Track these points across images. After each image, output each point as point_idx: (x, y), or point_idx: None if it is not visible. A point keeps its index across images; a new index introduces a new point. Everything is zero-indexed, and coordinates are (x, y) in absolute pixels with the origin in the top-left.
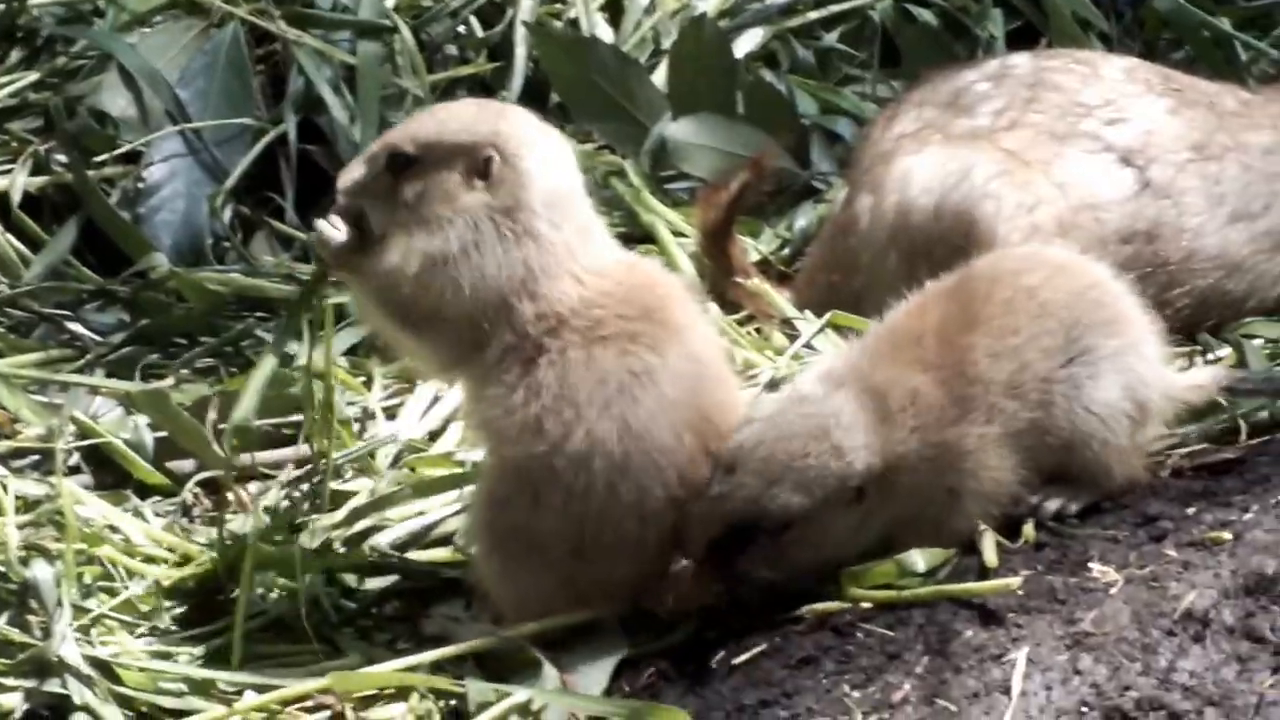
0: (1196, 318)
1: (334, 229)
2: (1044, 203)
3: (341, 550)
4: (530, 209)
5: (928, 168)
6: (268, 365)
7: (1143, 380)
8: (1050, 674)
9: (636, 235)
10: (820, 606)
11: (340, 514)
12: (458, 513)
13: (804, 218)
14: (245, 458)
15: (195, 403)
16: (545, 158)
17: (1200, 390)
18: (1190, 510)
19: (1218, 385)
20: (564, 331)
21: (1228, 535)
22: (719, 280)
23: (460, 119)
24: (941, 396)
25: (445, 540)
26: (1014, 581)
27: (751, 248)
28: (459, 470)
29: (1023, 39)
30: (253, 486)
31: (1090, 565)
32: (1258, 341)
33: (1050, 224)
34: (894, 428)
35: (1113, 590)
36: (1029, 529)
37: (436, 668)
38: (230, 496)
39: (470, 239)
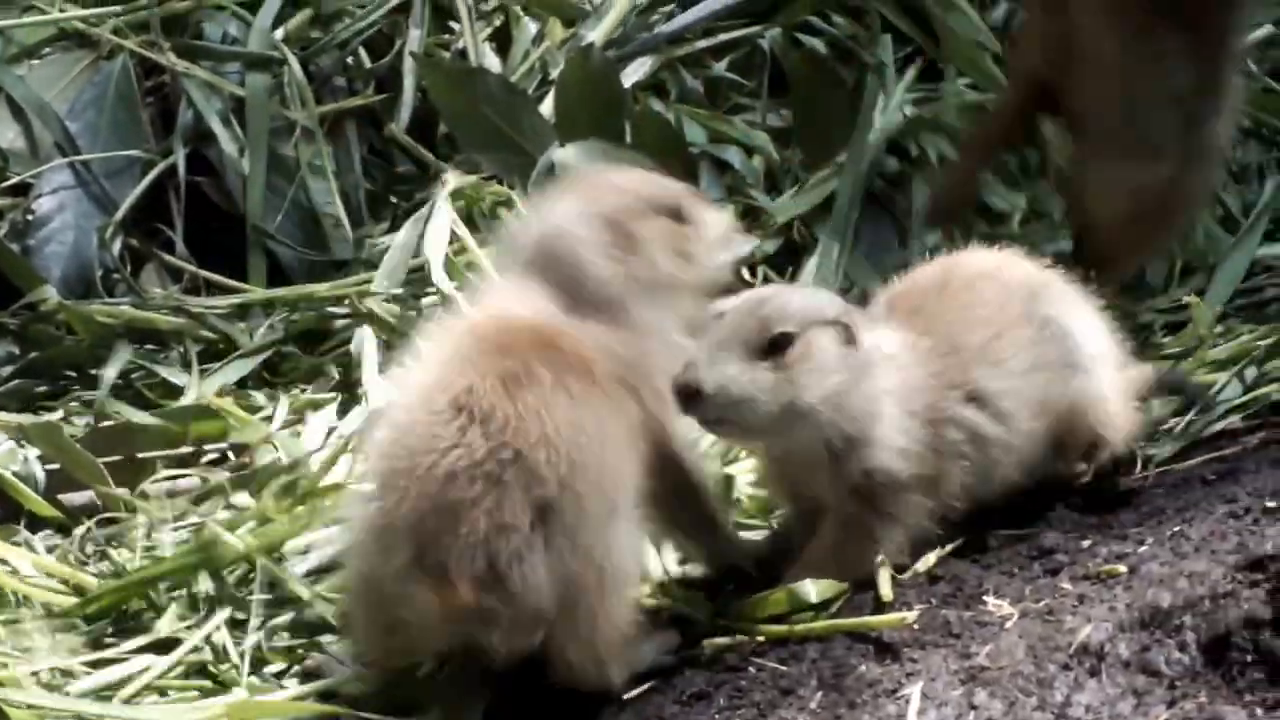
0: None
1: None
2: None
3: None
4: None
5: None
6: None
7: None
8: (945, 709)
9: None
10: (716, 641)
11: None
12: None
13: None
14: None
15: (87, 434)
16: None
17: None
18: (1085, 543)
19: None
20: None
21: (1123, 568)
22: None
23: None
24: None
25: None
26: (909, 615)
27: None
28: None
29: (912, 64)
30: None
31: (985, 599)
32: None
33: None
34: None
35: (1008, 624)
36: (927, 560)
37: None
38: None
39: None
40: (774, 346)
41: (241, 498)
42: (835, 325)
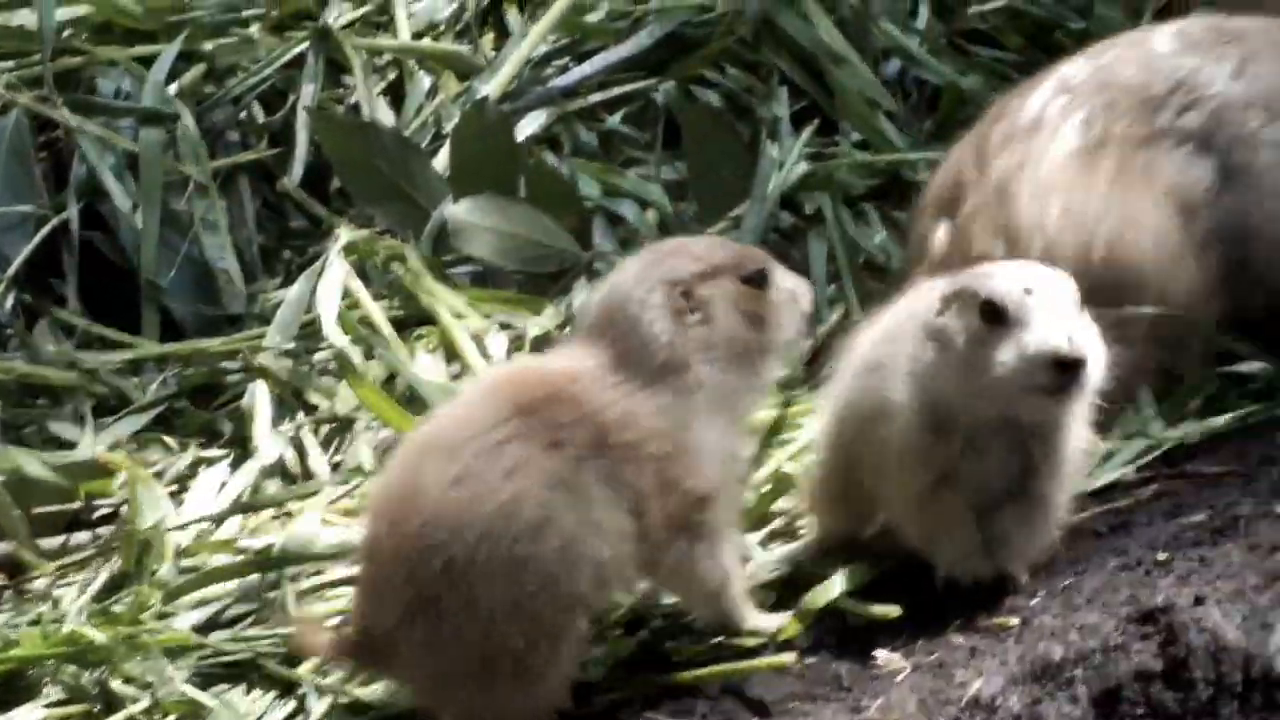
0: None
1: None
2: (1168, 231)
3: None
4: None
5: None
6: None
7: None
8: None
9: (416, 319)
10: (612, 695)
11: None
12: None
13: (581, 296)
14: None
15: None
16: None
17: None
18: (976, 596)
19: None
20: None
21: (1014, 621)
22: None
23: None
24: None
25: (232, 623)
26: (789, 657)
27: (534, 325)
28: (241, 557)
29: (808, 119)
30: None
31: (876, 652)
32: None
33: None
34: None
35: (899, 677)
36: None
37: None
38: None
39: None
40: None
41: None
42: None
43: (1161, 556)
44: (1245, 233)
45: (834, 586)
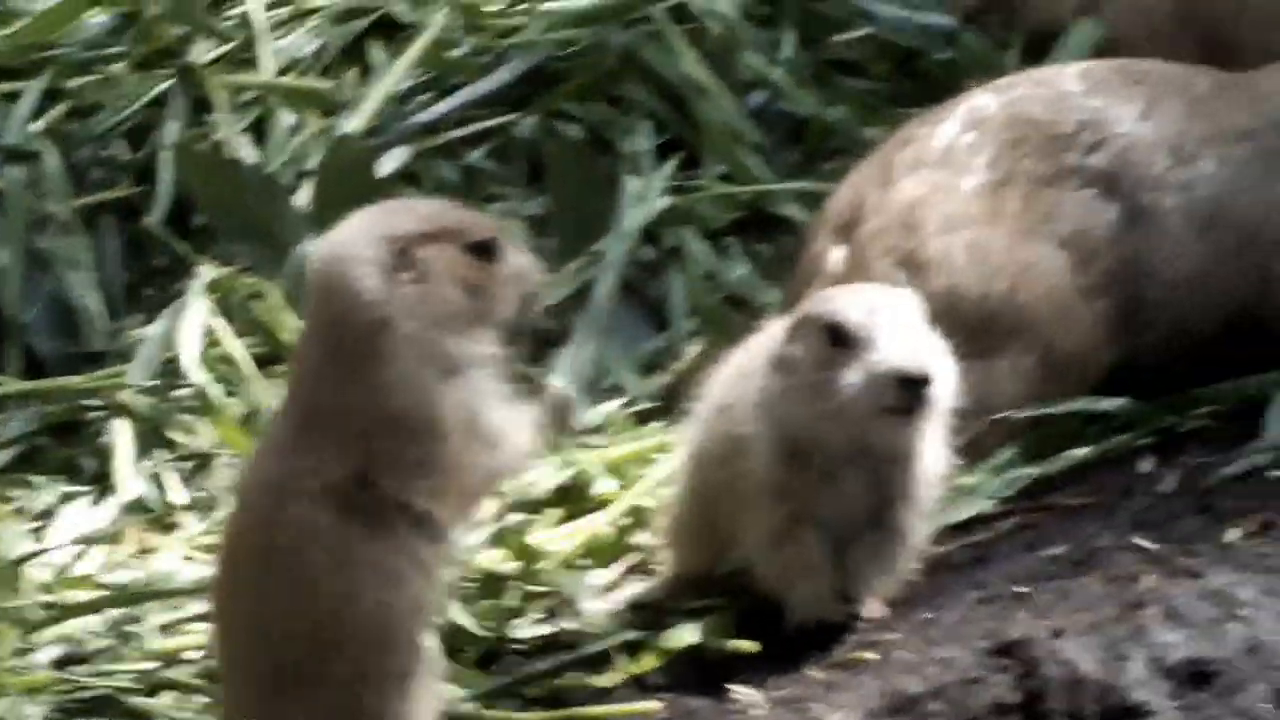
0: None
1: None
2: (1063, 278)
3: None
4: None
5: (967, 255)
6: None
7: None
8: None
9: (278, 356)
10: None
11: None
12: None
13: None
14: None
15: None
16: None
17: None
18: (833, 630)
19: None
20: None
21: (872, 655)
22: None
23: None
24: None
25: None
26: (653, 705)
27: None
28: (102, 592)
29: (672, 153)
30: None
31: (732, 686)
32: None
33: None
34: None
35: (755, 712)
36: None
37: None
38: None
39: None
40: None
41: None
42: None
43: (1020, 589)
44: (1140, 273)
45: (689, 631)
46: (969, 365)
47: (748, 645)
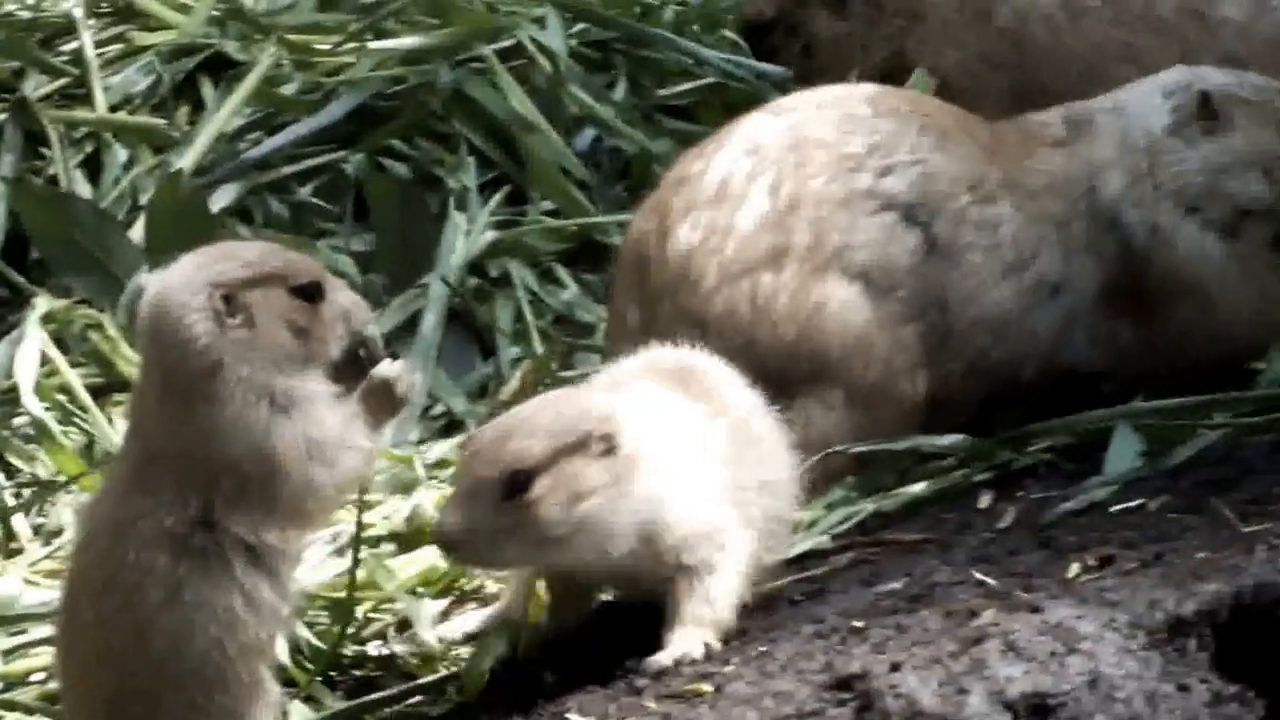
0: (972, 393)
1: None
2: (859, 310)
3: None
4: None
5: (752, 305)
6: None
7: None
8: None
9: (114, 384)
10: None
11: None
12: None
13: None
14: None
15: None
16: None
17: None
18: (669, 661)
19: None
20: None
21: (708, 687)
22: None
23: None
24: None
25: None
26: None
27: None
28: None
29: (498, 188)
30: None
31: (568, 716)
32: None
33: (869, 330)
34: None
35: None
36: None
37: None
38: None
39: None
40: (516, 488)
41: None
42: (587, 446)
43: (858, 624)
44: (945, 306)
45: (498, 645)
46: (781, 407)
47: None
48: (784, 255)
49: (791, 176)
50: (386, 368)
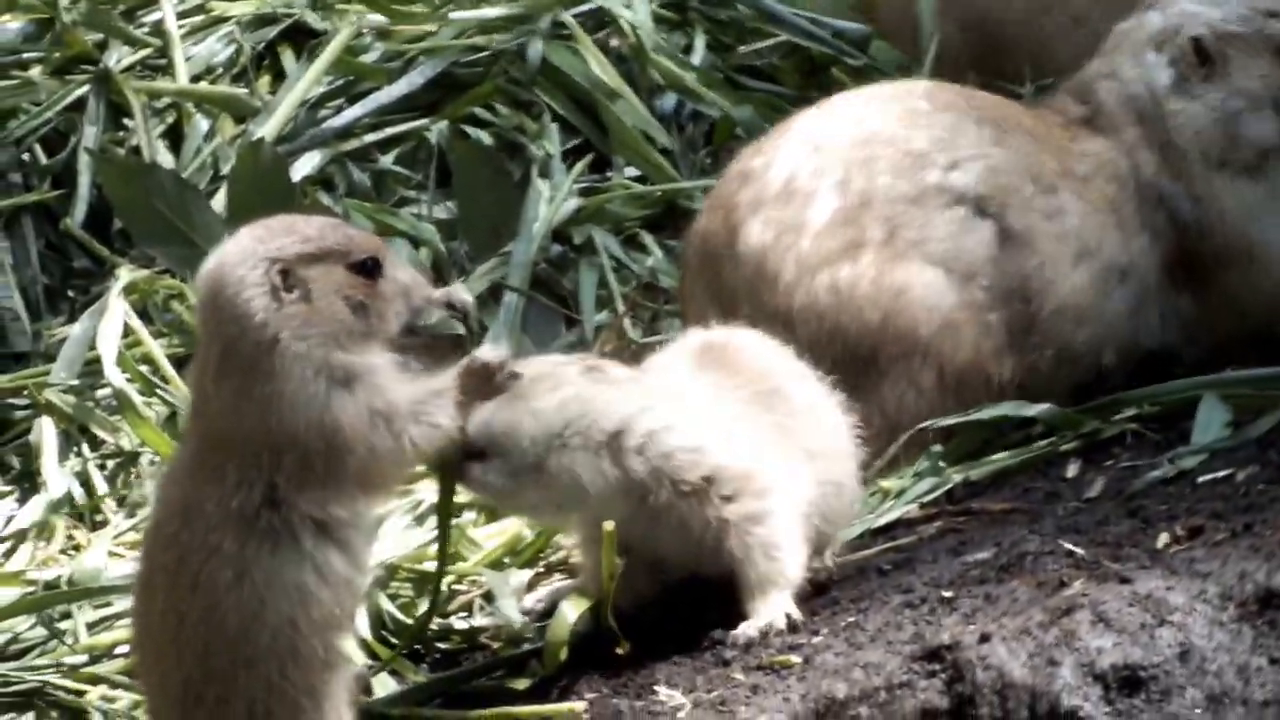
0: (1060, 382)
1: None
2: (943, 295)
3: None
4: None
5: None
6: None
7: None
8: None
9: None
10: None
11: None
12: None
13: None
14: None
15: None
16: None
17: None
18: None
19: None
20: None
21: (797, 659)
22: None
23: None
24: None
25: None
26: (579, 706)
27: None
28: (30, 589)
29: (580, 156)
30: None
31: (657, 689)
32: None
33: (957, 313)
34: None
35: (680, 714)
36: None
37: None
38: None
39: None
40: None
41: None
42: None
43: (946, 594)
44: (1026, 295)
45: (576, 619)
46: (871, 388)
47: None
48: (860, 247)
49: (860, 173)
50: (489, 351)
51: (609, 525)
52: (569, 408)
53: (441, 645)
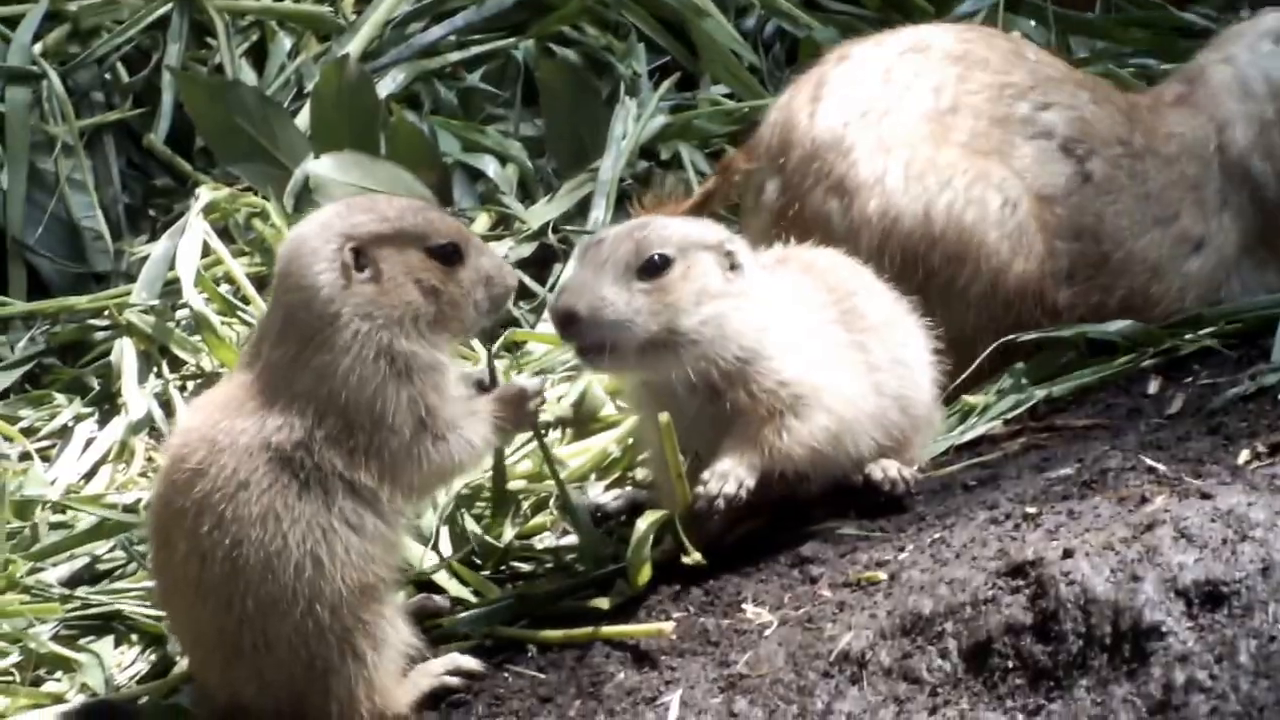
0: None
1: None
2: (1019, 200)
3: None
4: None
5: (905, 174)
6: None
7: None
8: (704, 717)
9: None
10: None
11: None
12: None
13: None
14: None
15: None
16: None
17: None
18: (844, 550)
19: None
20: None
21: (883, 575)
22: None
23: None
24: None
25: (100, 578)
26: (666, 626)
27: None
28: (110, 512)
29: (667, 74)
30: None
31: (744, 606)
32: None
33: (1029, 221)
34: None
35: (767, 632)
36: (695, 557)
37: None
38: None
39: None
40: (652, 268)
41: None
42: (717, 251)
43: (1031, 510)
44: (1099, 237)
45: (654, 536)
46: (926, 296)
47: (696, 557)
48: (944, 142)
49: (953, 86)
50: (525, 380)
51: (664, 416)
52: None
53: (523, 566)
